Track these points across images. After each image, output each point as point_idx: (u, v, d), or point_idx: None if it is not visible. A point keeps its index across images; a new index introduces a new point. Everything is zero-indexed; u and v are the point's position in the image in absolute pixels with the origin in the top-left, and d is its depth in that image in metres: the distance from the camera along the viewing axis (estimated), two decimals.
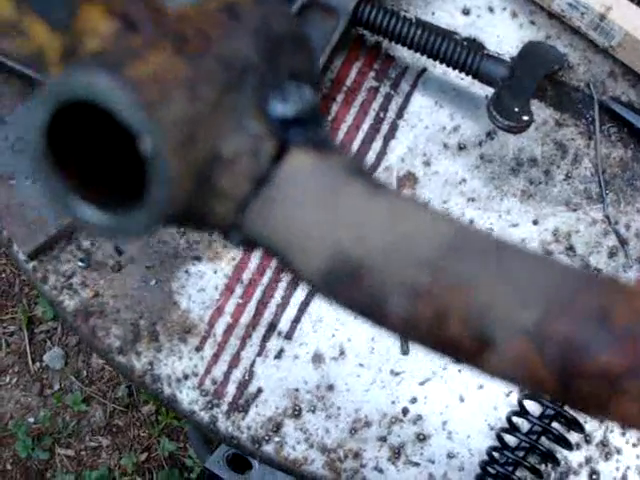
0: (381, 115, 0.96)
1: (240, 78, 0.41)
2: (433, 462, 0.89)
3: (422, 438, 0.89)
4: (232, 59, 0.41)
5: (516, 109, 0.87)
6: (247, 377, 0.90)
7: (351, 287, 0.40)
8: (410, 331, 0.39)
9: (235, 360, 0.91)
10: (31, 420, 1.79)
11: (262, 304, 0.91)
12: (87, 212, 0.40)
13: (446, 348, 0.39)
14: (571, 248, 0.93)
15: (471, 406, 0.90)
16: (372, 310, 0.40)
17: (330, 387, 0.90)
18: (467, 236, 0.40)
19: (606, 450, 0.89)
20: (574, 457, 0.89)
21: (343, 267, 0.39)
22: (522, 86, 0.89)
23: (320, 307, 0.91)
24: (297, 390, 0.90)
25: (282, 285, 0.92)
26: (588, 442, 0.89)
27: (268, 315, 0.91)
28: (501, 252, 0.39)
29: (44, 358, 1.82)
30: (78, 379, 1.80)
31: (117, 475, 1.75)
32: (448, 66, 0.92)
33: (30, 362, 1.82)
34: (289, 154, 0.41)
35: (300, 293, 0.92)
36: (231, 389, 0.90)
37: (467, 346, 0.38)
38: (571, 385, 0.37)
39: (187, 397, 0.90)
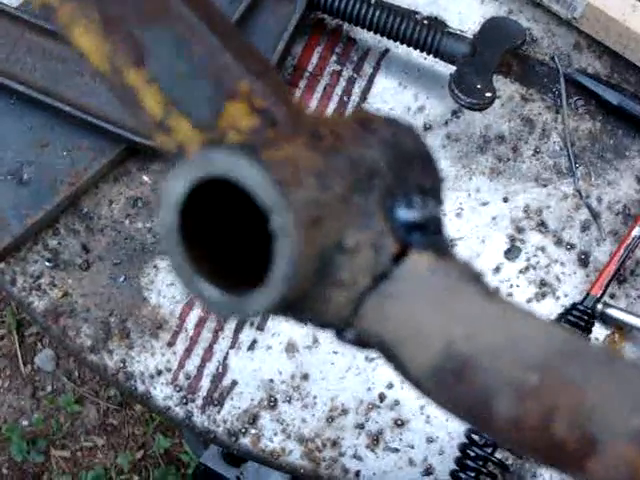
0: (345, 99, 0.95)
1: (368, 181, 0.43)
2: (412, 447, 0.88)
3: (400, 423, 0.88)
4: (362, 163, 0.43)
5: (478, 86, 0.86)
6: (221, 370, 0.89)
7: (457, 385, 0.40)
8: (515, 433, 0.40)
9: (208, 354, 0.90)
10: (25, 423, 1.78)
11: None
12: (209, 292, 0.43)
13: (550, 451, 0.39)
14: (543, 224, 0.91)
15: None
16: (477, 409, 0.40)
17: (305, 376, 0.89)
18: (578, 342, 0.40)
19: None
20: None
21: (451, 364, 0.40)
22: (484, 62, 0.88)
23: None
24: (272, 381, 0.89)
25: None
26: None
27: None
28: (611, 359, 0.39)
29: (35, 360, 1.81)
30: (70, 380, 1.79)
31: (114, 474, 1.74)
32: (409, 46, 0.90)
33: (21, 365, 1.82)
34: (409, 254, 0.43)
35: None
36: (205, 383, 0.89)
37: (571, 449, 0.38)
38: None
39: (161, 393, 0.89)
